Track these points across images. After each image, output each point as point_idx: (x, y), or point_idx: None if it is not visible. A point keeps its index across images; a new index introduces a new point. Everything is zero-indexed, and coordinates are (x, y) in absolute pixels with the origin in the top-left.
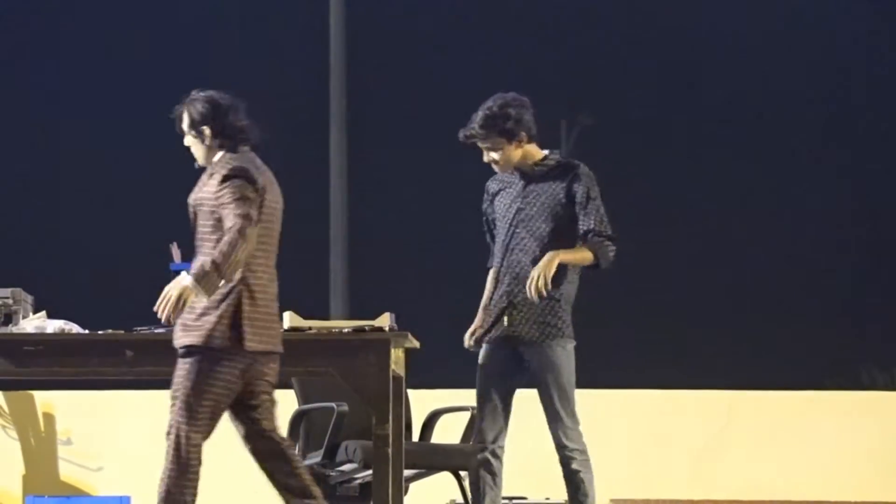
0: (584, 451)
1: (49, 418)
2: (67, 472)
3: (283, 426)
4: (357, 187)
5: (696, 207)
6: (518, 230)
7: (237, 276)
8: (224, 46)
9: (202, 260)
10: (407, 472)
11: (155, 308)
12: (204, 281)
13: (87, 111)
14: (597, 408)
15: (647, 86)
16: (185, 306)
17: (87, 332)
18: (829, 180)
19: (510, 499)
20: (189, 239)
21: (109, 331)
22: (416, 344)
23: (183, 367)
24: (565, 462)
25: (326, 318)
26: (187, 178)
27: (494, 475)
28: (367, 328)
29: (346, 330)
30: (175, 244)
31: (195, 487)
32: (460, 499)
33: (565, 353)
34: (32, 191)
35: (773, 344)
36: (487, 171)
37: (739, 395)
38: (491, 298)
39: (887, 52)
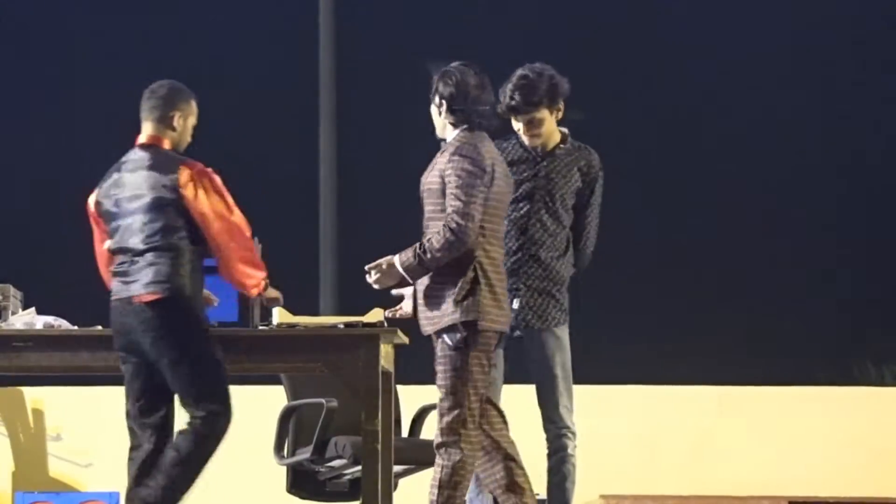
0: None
1: (38, 414)
2: (57, 469)
3: (272, 422)
4: (347, 185)
5: (689, 203)
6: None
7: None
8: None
9: (411, 251)
10: (396, 468)
11: (368, 268)
12: (410, 272)
13: (81, 109)
14: (587, 403)
15: (641, 79)
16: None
17: (76, 328)
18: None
19: None
20: None
21: (98, 327)
22: (406, 340)
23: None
24: None
25: (316, 314)
26: None
27: None
28: (359, 324)
29: (340, 325)
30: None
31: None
32: None
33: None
34: (22, 187)
35: (764, 339)
36: None
37: (730, 390)
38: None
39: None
